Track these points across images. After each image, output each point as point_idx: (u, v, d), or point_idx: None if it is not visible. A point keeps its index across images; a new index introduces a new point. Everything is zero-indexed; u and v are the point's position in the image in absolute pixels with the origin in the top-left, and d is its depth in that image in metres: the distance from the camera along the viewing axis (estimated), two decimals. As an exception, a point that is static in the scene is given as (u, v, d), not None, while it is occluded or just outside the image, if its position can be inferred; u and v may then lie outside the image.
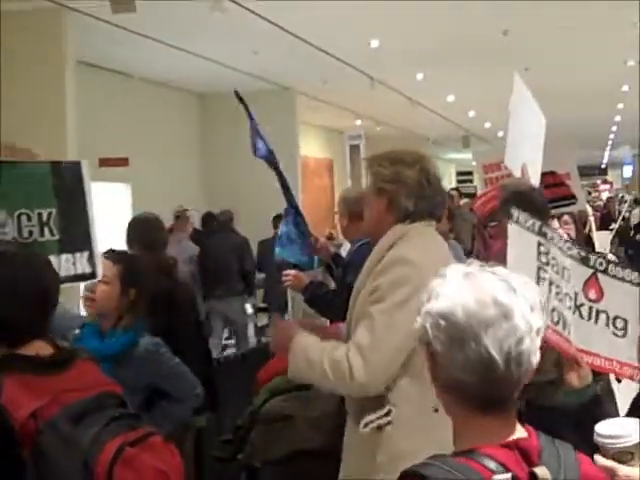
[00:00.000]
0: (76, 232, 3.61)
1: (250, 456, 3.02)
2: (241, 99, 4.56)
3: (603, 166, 33.99)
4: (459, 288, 1.56)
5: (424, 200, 2.79)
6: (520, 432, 1.58)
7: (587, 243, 5.14)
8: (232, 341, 10.23)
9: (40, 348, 2.19)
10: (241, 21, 9.10)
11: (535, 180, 4.98)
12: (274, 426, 2.96)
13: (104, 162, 10.98)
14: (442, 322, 1.53)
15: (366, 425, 2.56)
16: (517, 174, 4.86)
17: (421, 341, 1.59)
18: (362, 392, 2.55)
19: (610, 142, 26.54)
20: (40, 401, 2.02)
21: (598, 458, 1.80)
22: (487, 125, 19.92)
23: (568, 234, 4.72)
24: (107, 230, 4.82)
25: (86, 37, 9.17)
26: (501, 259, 5.38)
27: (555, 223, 4.76)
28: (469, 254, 8.74)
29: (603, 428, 1.86)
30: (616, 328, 2.43)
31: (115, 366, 3.18)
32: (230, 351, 8.99)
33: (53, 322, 2.34)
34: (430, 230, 2.86)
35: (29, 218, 3.51)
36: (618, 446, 1.82)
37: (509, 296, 1.53)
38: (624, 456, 1.80)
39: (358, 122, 17.38)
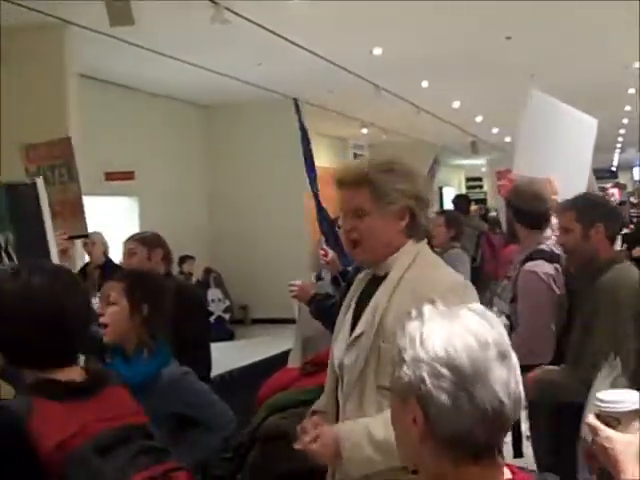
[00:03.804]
0: (36, 256, 3.42)
1: (249, 475, 2.96)
2: (297, 107, 4.55)
3: (613, 169, 33.85)
4: (449, 329, 1.40)
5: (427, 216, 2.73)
6: (507, 474, 1.46)
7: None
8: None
9: (72, 373, 2.14)
10: (244, 32, 9.08)
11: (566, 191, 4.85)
12: (272, 444, 2.90)
13: (110, 176, 11.00)
14: (444, 370, 1.36)
15: None
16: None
17: (410, 395, 1.40)
18: None
19: (619, 145, 26.44)
20: (67, 431, 1.96)
21: (589, 416, 1.84)
22: (495, 130, 19.87)
23: None
24: (116, 245, 4.72)
25: (90, 51, 9.20)
26: (509, 266, 5.31)
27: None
28: (472, 261, 8.71)
29: (603, 394, 1.87)
30: None
31: (139, 393, 3.11)
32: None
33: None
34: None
35: None
36: (607, 410, 1.83)
37: (498, 334, 1.41)
38: (612, 421, 1.82)
39: (364, 131, 17.34)
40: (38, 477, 1.91)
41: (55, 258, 3.48)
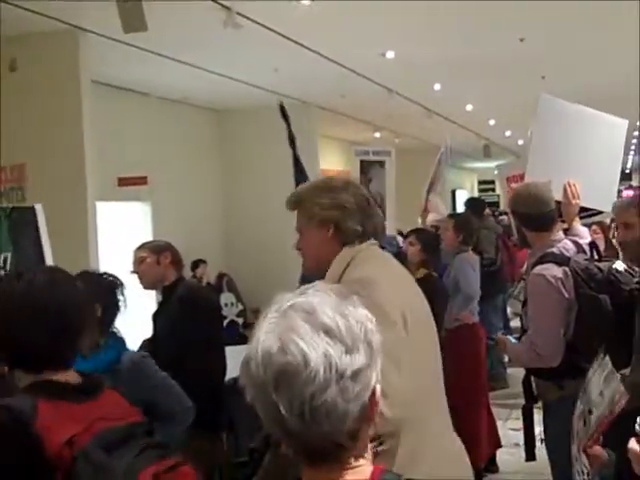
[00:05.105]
0: None
1: (262, 479, 2.96)
2: (284, 113, 4.47)
3: (627, 171, 33.71)
4: (268, 329, 1.38)
5: (369, 219, 2.81)
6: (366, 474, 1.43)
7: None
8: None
9: (68, 376, 2.17)
10: (255, 37, 9.09)
11: (593, 195, 4.81)
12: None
13: (123, 181, 11.02)
14: (242, 369, 1.40)
15: None
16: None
17: None
18: (387, 427, 2.35)
19: (633, 147, 26.31)
20: (74, 429, 1.99)
21: (630, 442, 1.84)
22: (508, 133, 19.82)
23: (595, 243, 4.60)
24: (128, 251, 4.77)
25: (102, 57, 9.21)
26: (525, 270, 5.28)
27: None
28: (493, 263, 8.70)
29: None
30: None
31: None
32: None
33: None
34: (378, 249, 2.85)
35: None
36: None
37: (312, 340, 1.34)
38: None
39: (377, 134, 17.34)
40: (45, 474, 1.93)
41: None
